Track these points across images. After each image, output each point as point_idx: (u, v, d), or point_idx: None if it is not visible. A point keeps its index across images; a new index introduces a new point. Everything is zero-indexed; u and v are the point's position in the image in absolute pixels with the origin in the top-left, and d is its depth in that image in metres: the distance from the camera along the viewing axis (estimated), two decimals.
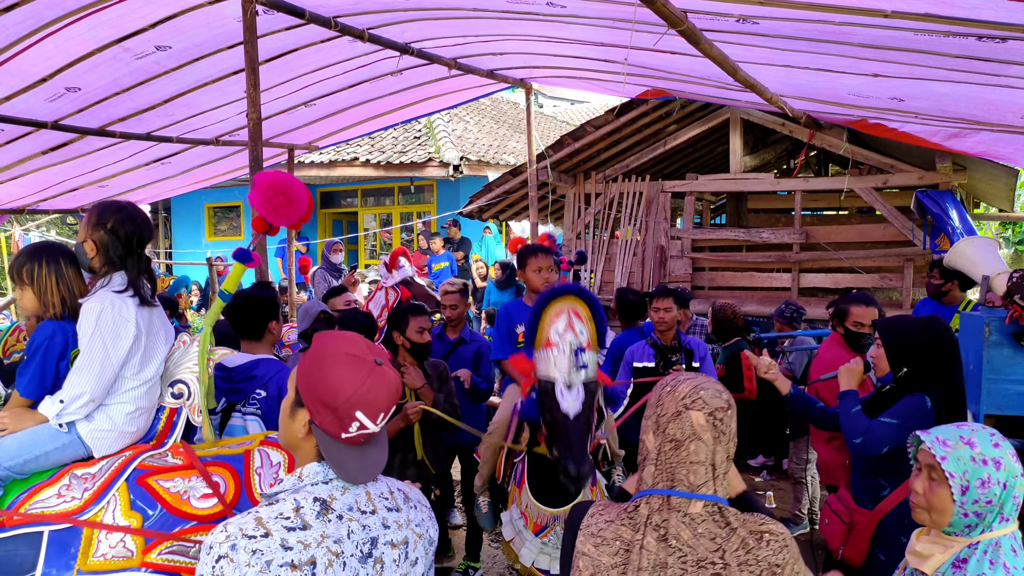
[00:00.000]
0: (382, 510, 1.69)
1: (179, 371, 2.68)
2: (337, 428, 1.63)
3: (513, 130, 16.75)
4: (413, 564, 1.72)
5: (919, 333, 2.99)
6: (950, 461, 1.95)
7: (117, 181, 8.13)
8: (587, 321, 2.75)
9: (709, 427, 1.69)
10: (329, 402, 1.62)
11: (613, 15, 4.02)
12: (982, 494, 1.91)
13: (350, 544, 1.60)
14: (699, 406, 1.70)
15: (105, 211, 2.61)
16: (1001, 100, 4.22)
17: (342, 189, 16.29)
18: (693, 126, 8.50)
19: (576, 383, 2.66)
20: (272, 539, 1.51)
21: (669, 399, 1.74)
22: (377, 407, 1.65)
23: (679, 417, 1.70)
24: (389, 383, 1.67)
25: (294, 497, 1.60)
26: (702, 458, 1.68)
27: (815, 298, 8.11)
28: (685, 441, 1.69)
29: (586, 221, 9.19)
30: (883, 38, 3.44)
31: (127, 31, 4.66)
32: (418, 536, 1.74)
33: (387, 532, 1.67)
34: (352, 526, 1.61)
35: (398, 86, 6.64)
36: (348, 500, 1.64)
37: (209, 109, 6.33)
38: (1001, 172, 6.96)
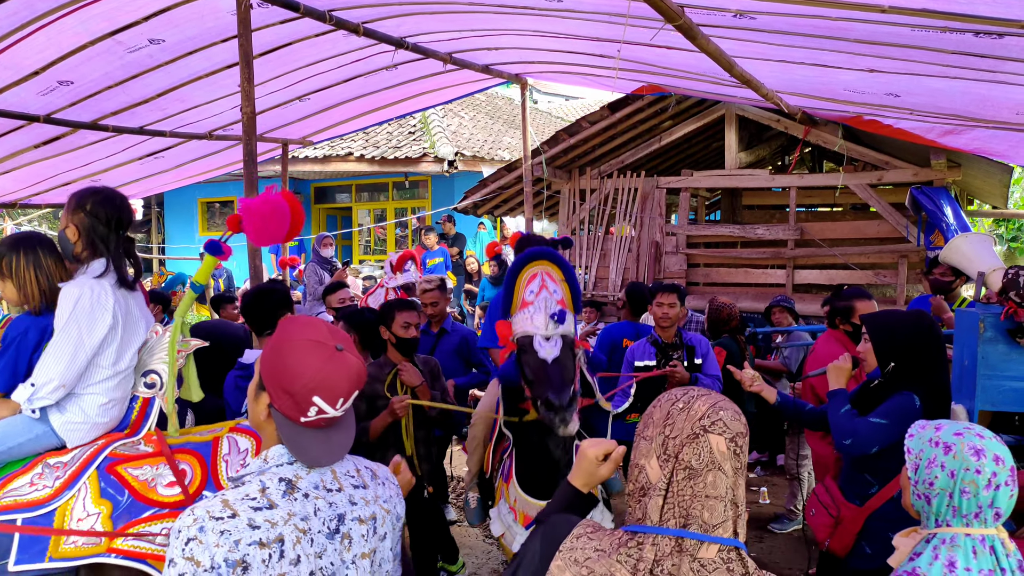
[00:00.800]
0: (348, 488, 1.72)
1: (152, 361, 2.70)
2: (296, 412, 1.66)
3: (508, 125, 16.72)
4: (382, 539, 1.75)
5: (906, 328, 3.01)
6: (914, 439, 2.01)
7: (110, 175, 8.08)
8: (560, 283, 2.79)
9: (731, 455, 1.42)
10: (287, 387, 1.64)
11: (609, 9, 4.00)
12: (927, 474, 1.92)
13: (317, 521, 1.63)
14: (719, 429, 1.43)
15: (84, 195, 2.64)
16: (997, 96, 4.22)
17: (336, 184, 16.24)
18: (688, 122, 8.50)
19: (554, 335, 2.68)
20: (239, 519, 1.53)
21: (682, 418, 1.46)
22: (336, 392, 1.66)
23: (696, 441, 1.42)
24: (349, 369, 1.69)
25: (260, 479, 1.63)
26: (721, 492, 1.40)
27: (809, 294, 8.12)
28: (702, 470, 1.41)
29: (581, 217, 9.18)
30: (880, 33, 3.44)
31: (120, 24, 4.63)
32: (386, 512, 1.78)
33: (354, 508, 1.70)
34: (318, 504, 1.64)
35: (393, 81, 6.62)
36: (314, 479, 1.67)
37: (203, 103, 6.29)
38: (995, 169, 6.98)
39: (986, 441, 1.92)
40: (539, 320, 2.68)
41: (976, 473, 1.86)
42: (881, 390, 3.04)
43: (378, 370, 4.00)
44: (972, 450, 1.89)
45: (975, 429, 1.97)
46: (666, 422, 1.48)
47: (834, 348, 4.40)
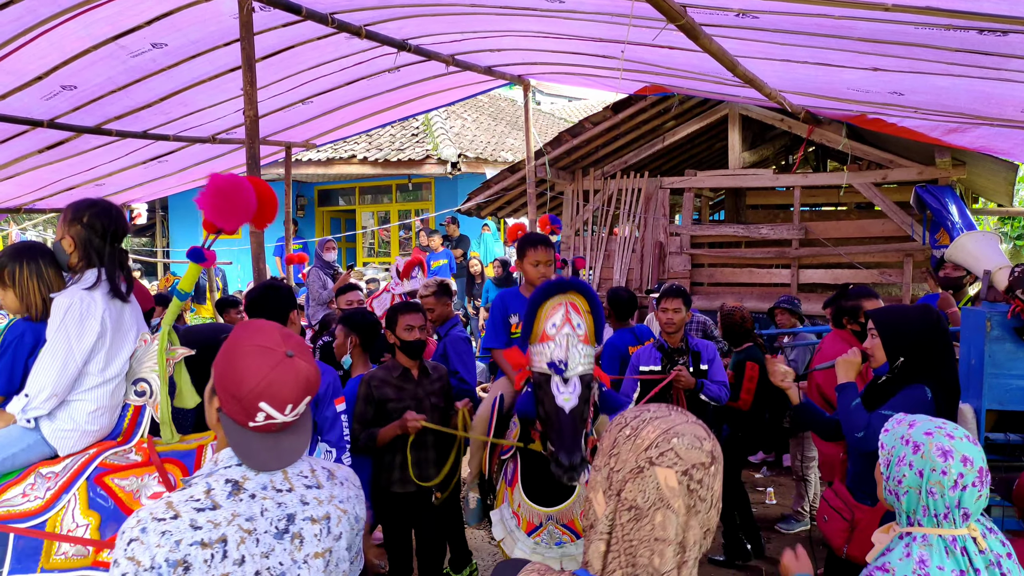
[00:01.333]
0: (300, 488, 1.72)
1: (142, 370, 2.72)
2: (243, 417, 1.67)
3: (511, 127, 16.73)
4: (337, 539, 1.75)
5: (914, 322, 2.99)
6: (888, 435, 2.03)
7: (114, 180, 8.10)
8: (584, 315, 2.72)
9: (683, 491, 1.21)
10: (234, 392, 1.66)
11: (611, 10, 4.00)
12: (896, 472, 1.95)
13: (264, 521, 1.64)
14: (669, 461, 1.22)
15: (80, 207, 2.70)
16: (1001, 94, 4.20)
17: (340, 187, 16.26)
18: (691, 122, 8.48)
19: (572, 377, 2.63)
20: (181, 520, 1.56)
21: (627, 447, 1.25)
22: (283, 399, 1.67)
23: (641, 475, 1.22)
24: (298, 375, 1.68)
25: (206, 480, 1.65)
26: (670, 535, 1.20)
27: (814, 294, 8.10)
28: (648, 510, 1.21)
29: (584, 218, 9.18)
30: (883, 32, 3.42)
31: (123, 28, 4.63)
32: (342, 511, 1.78)
33: (306, 508, 1.71)
34: (266, 504, 1.65)
35: (395, 83, 6.62)
36: (262, 480, 1.68)
37: (206, 107, 6.30)
38: (1001, 167, 6.96)
39: (955, 442, 1.91)
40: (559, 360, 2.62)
41: (942, 474, 1.87)
42: (890, 385, 3.02)
43: (386, 373, 3.97)
44: (939, 451, 1.89)
45: (946, 428, 1.96)
46: (611, 451, 1.28)
47: (841, 347, 4.37)
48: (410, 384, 3.95)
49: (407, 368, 3.96)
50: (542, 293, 2.75)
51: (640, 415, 1.30)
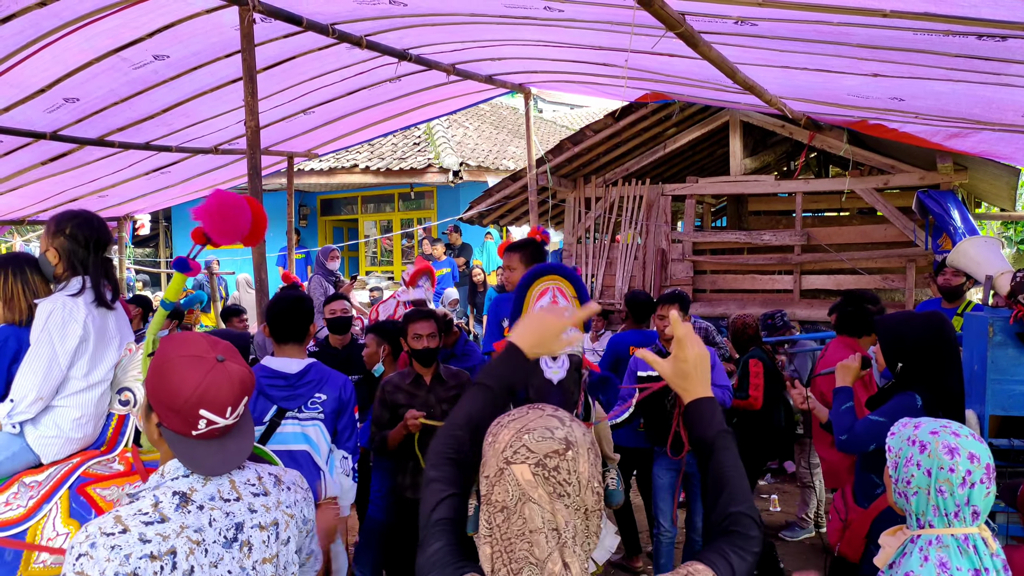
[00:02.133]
0: (247, 496, 1.76)
1: (126, 379, 2.74)
2: (185, 428, 1.70)
3: (513, 135, 16.76)
4: (285, 543, 1.81)
5: (914, 329, 3.00)
6: (894, 437, 2.05)
7: (117, 191, 8.13)
8: (571, 299, 2.74)
9: (540, 480, 1.28)
10: (171, 404, 1.69)
11: (610, 18, 4.01)
12: (905, 473, 1.96)
13: (212, 532, 1.68)
14: (521, 457, 1.30)
15: (63, 219, 2.74)
16: (1002, 99, 4.20)
17: (342, 196, 16.29)
18: (692, 129, 8.49)
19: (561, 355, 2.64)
20: (130, 534, 1.58)
21: (490, 454, 1.34)
22: (221, 402, 1.71)
23: (502, 477, 1.31)
24: (231, 378, 1.73)
25: (154, 493, 1.68)
26: (538, 524, 1.27)
27: (817, 300, 8.09)
28: (515, 506, 1.29)
29: (586, 225, 9.18)
30: (882, 38, 3.43)
31: (124, 41, 4.66)
32: (290, 516, 1.83)
33: (254, 516, 1.75)
34: (214, 514, 1.69)
35: (397, 92, 6.64)
36: (210, 490, 1.71)
37: (208, 118, 6.33)
38: (1002, 171, 6.95)
39: (961, 439, 1.93)
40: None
41: (950, 472, 1.88)
42: (888, 392, 3.04)
43: (400, 379, 4.02)
44: (946, 448, 1.91)
45: (951, 427, 1.98)
46: (483, 462, 1.37)
47: (845, 353, 4.36)
48: (422, 390, 3.98)
49: (420, 375, 4.00)
50: (530, 277, 2.79)
51: (500, 421, 1.38)
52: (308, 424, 3.34)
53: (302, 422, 3.33)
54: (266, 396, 3.32)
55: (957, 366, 3.02)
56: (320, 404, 3.37)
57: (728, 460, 1.53)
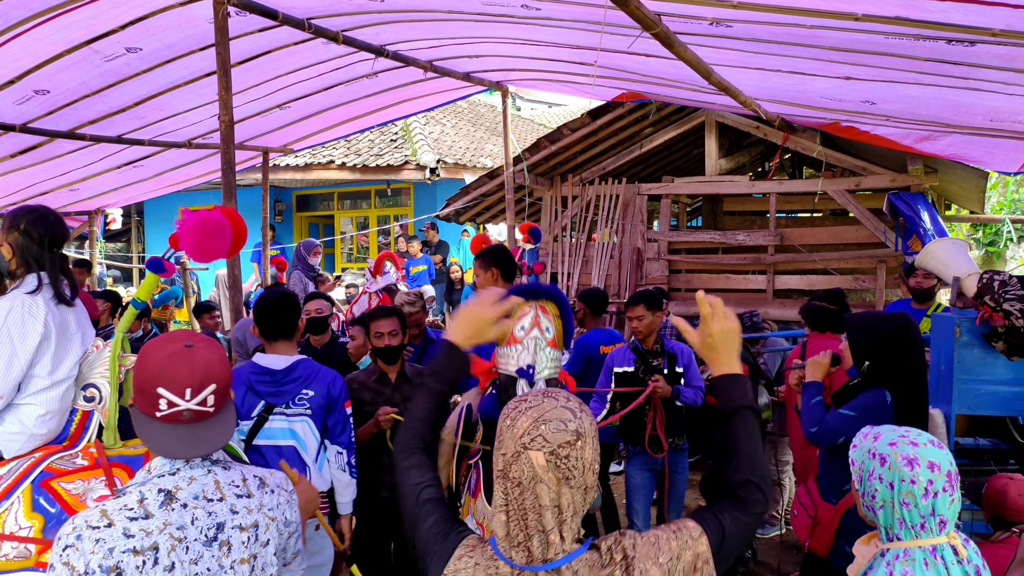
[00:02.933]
0: (231, 497, 1.82)
1: (92, 375, 2.73)
2: (149, 408, 1.77)
3: (490, 133, 16.75)
4: (264, 545, 1.86)
5: (882, 328, 3.06)
6: (856, 451, 2.06)
7: (88, 185, 8.03)
8: (553, 319, 2.67)
9: (551, 467, 1.48)
10: (138, 384, 1.78)
11: (587, 17, 4.02)
12: (869, 487, 1.96)
13: (194, 530, 1.73)
14: (538, 445, 1.49)
15: (18, 214, 2.73)
16: (971, 103, 4.28)
17: (318, 192, 16.19)
18: (669, 129, 8.54)
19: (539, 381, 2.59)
20: (115, 528, 1.65)
21: (508, 436, 1.52)
22: (179, 383, 1.75)
23: (519, 459, 1.50)
24: (194, 361, 1.78)
25: (140, 489, 1.73)
26: (546, 502, 1.49)
27: (790, 299, 8.17)
28: (529, 485, 1.49)
29: (563, 224, 9.21)
30: (854, 41, 3.48)
31: (96, 32, 4.60)
32: (271, 519, 1.88)
33: (235, 517, 1.81)
34: (197, 513, 1.75)
35: (374, 89, 6.62)
36: (194, 489, 1.77)
37: (181, 112, 6.27)
38: (971, 174, 7.06)
39: (919, 449, 1.92)
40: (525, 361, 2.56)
41: (912, 483, 1.88)
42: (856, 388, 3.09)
43: (365, 377, 4.00)
44: (905, 460, 1.90)
45: (909, 436, 1.97)
46: (499, 440, 1.56)
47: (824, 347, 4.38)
48: (387, 388, 3.96)
49: (384, 372, 3.98)
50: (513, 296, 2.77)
51: (518, 406, 1.56)
52: (295, 420, 3.41)
53: (289, 418, 3.40)
54: (254, 392, 3.37)
55: (923, 366, 3.08)
56: (307, 400, 3.44)
57: (742, 432, 1.71)
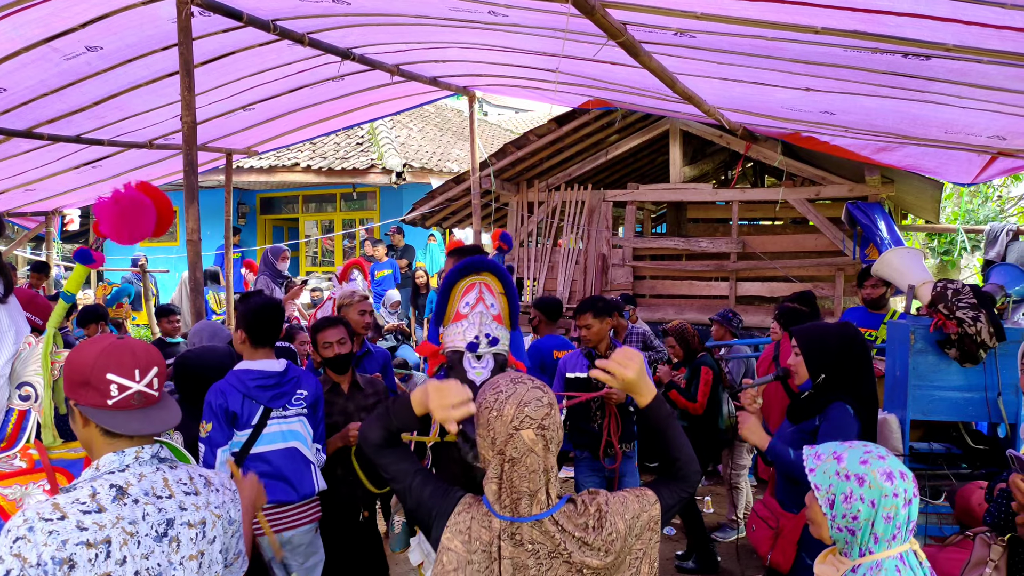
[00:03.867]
0: (179, 494, 1.85)
1: (26, 373, 2.68)
2: (99, 398, 1.79)
3: (457, 137, 16.74)
4: (211, 542, 1.89)
5: (835, 340, 3.08)
6: (817, 474, 2.03)
7: (45, 185, 7.86)
8: (499, 295, 2.67)
9: (539, 439, 1.80)
10: (80, 379, 1.79)
11: (553, 24, 4.05)
12: (847, 509, 1.95)
13: (145, 525, 1.75)
14: (527, 424, 1.79)
15: None
16: (926, 115, 4.38)
17: (282, 195, 16.03)
18: (634, 136, 8.62)
19: (486, 354, 2.58)
20: (68, 521, 1.65)
21: (499, 423, 1.81)
22: (127, 365, 1.81)
23: (512, 440, 1.79)
24: (134, 347, 1.85)
25: (91, 485, 1.74)
26: (536, 467, 1.80)
27: (751, 306, 8.29)
28: (521, 457, 1.80)
29: (529, 229, 9.24)
30: (814, 54, 3.55)
31: (56, 31, 4.51)
32: (217, 516, 1.92)
33: (184, 514, 1.84)
34: (147, 509, 1.77)
35: (340, 92, 6.58)
36: (144, 486, 1.79)
37: (143, 112, 6.17)
38: (927, 185, 7.23)
39: (888, 461, 1.97)
40: (471, 336, 2.56)
41: (894, 497, 1.93)
42: (811, 402, 3.09)
43: None
44: (884, 475, 1.94)
45: (873, 452, 2.01)
46: (488, 427, 1.83)
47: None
48: (340, 398, 3.93)
49: (337, 383, 3.95)
50: (456, 273, 2.67)
51: (498, 396, 1.84)
52: (294, 420, 3.44)
53: (288, 419, 3.42)
54: (252, 398, 3.35)
55: (871, 374, 3.12)
56: (303, 399, 3.49)
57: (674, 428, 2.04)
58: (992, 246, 6.94)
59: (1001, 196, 15.97)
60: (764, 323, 7.64)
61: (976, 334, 3.73)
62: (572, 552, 1.80)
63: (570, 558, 1.80)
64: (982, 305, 3.77)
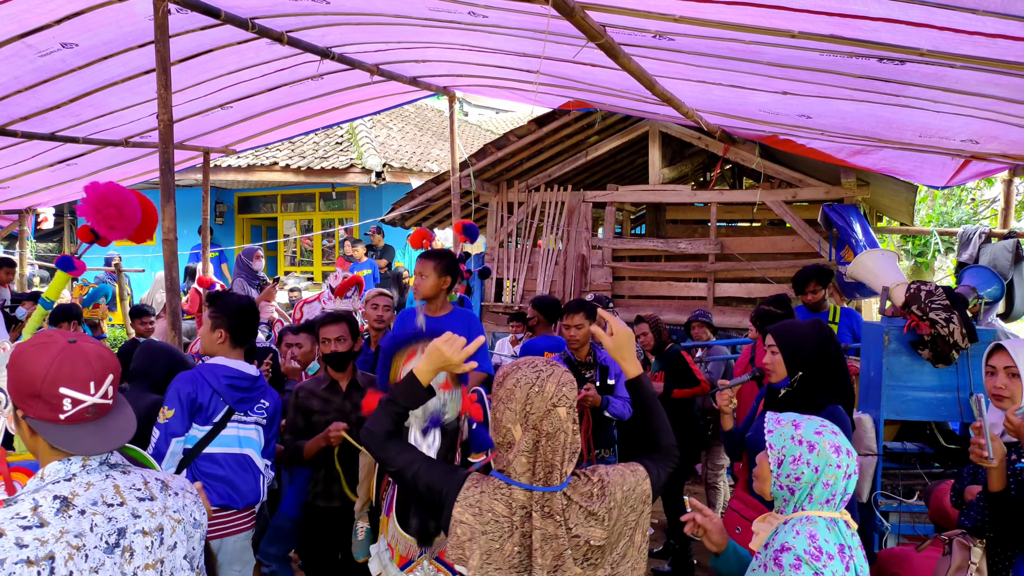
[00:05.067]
0: (132, 501, 1.75)
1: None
2: (51, 412, 1.67)
3: (437, 137, 16.72)
4: (171, 549, 1.80)
5: (811, 338, 3.13)
6: (775, 435, 2.21)
7: (19, 183, 7.76)
8: None
9: (570, 418, 1.94)
10: (31, 391, 1.66)
11: (532, 26, 4.06)
12: (793, 470, 2.14)
13: (93, 537, 1.65)
14: (564, 402, 1.93)
15: None
16: (901, 119, 4.44)
17: (261, 194, 15.93)
18: (614, 138, 8.65)
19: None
20: (6, 539, 1.55)
21: (539, 399, 1.93)
22: (81, 377, 1.68)
23: (549, 415, 1.92)
24: (87, 354, 1.71)
25: (33, 497, 1.64)
26: (563, 442, 1.93)
27: (729, 307, 8.35)
28: (556, 433, 1.92)
29: (509, 230, 9.24)
30: (791, 57, 3.58)
31: (30, 27, 4.45)
32: (176, 521, 1.83)
33: (137, 521, 1.74)
34: (96, 520, 1.67)
35: (319, 91, 6.55)
36: (93, 495, 1.69)
37: (119, 109, 6.10)
38: (901, 187, 7.33)
39: (839, 438, 2.17)
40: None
41: (837, 468, 2.12)
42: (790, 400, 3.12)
43: (315, 385, 3.90)
44: (832, 447, 2.13)
45: (829, 426, 2.19)
46: (527, 402, 1.93)
47: None
48: (336, 397, 3.87)
49: (335, 380, 3.89)
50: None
51: (539, 375, 1.95)
52: (251, 428, 3.40)
53: (245, 425, 3.38)
54: (220, 395, 3.29)
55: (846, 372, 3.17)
56: (265, 409, 3.45)
57: (657, 406, 2.23)
58: (965, 248, 7.04)
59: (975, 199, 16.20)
60: (742, 324, 7.70)
61: (949, 335, 3.78)
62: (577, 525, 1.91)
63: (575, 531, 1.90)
64: (955, 307, 3.82)
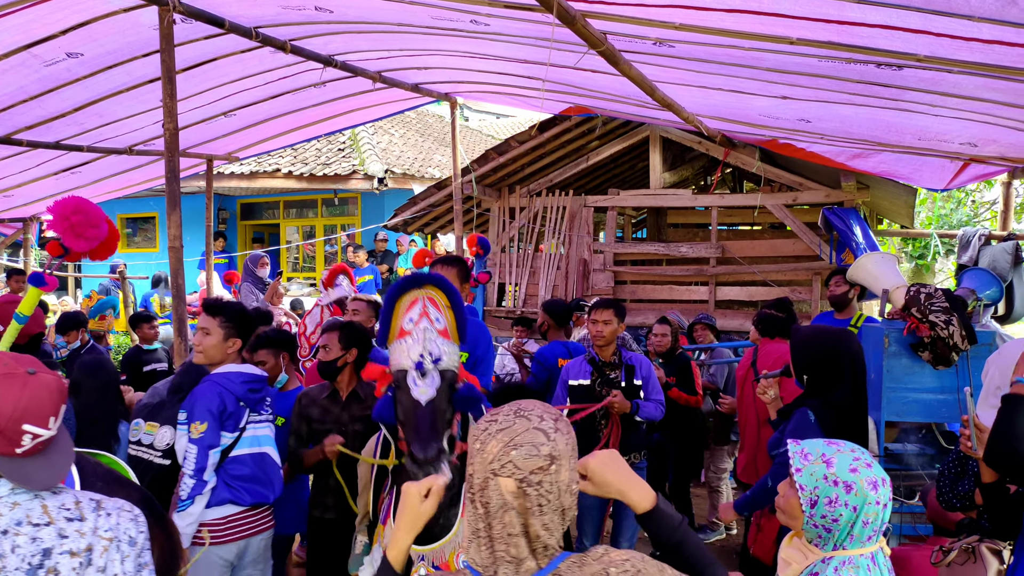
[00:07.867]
0: (60, 521, 1.73)
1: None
2: (9, 447, 1.68)
3: (438, 143, 16.76)
4: (101, 570, 1.75)
5: (819, 343, 3.15)
6: (804, 475, 2.05)
7: (23, 191, 7.80)
8: (444, 309, 2.55)
9: (520, 495, 1.40)
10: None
11: (534, 34, 4.10)
12: (829, 511, 2.00)
13: (15, 558, 1.64)
14: (508, 471, 1.41)
15: None
16: (900, 123, 4.48)
17: (263, 201, 15.98)
18: (614, 142, 8.69)
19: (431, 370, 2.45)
20: None
21: (479, 460, 1.44)
22: (43, 414, 1.71)
23: (488, 485, 1.42)
24: (49, 388, 1.73)
25: None
26: (517, 530, 1.41)
27: (731, 310, 8.37)
28: (498, 512, 1.41)
29: (511, 235, 9.27)
30: (790, 63, 3.62)
31: (36, 37, 4.49)
32: (108, 540, 1.78)
33: (64, 542, 1.71)
34: (18, 540, 1.66)
35: (321, 98, 6.59)
36: (17, 515, 1.68)
37: (123, 118, 6.14)
38: (901, 191, 7.35)
39: (874, 469, 2.04)
40: (416, 352, 2.44)
41: (876, 504, 2.00)
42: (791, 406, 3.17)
43: (318, 392, 3.90)
44: (871, 484, 2.00)
45: (862, 458, 2.06)
46: (470, 463, 1.47)
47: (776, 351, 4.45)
48: (336, 407, 3.85)
49: (336, 389, 3.87)
50: (397, 289, 2.57)
51: (488, 427, 1.46)
52: (262, 425, 3.48)
53: (258, 424, 3.45)
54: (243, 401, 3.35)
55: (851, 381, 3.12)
56: (269, 407, 3.56)
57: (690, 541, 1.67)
58: (965, 250, 7.06)
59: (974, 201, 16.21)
60: (743, 327, 7.73)
61: (948, 337, 3.81)
62: None
63: None
64: (954, 309, 3.85)
